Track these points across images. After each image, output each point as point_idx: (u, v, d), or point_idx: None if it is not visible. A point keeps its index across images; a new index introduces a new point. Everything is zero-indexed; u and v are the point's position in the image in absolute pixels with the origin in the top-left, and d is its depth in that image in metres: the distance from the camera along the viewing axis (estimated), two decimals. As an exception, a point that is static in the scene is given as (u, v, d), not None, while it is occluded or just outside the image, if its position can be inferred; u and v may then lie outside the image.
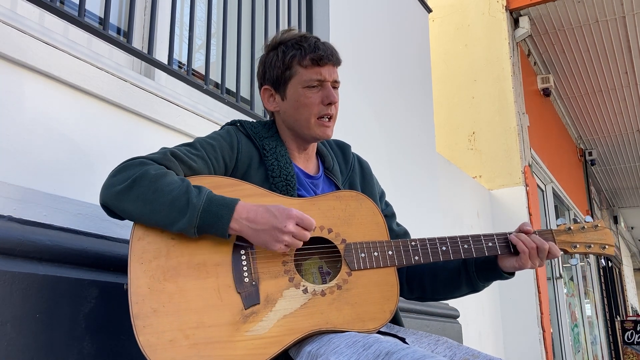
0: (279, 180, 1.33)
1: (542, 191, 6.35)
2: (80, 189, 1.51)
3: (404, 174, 3.21)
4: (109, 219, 1.50)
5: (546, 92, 6.55)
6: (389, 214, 1.54)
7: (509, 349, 4.83)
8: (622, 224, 12.84)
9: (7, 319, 1.19)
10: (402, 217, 1.89)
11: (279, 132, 1.44)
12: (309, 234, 1.18)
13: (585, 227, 1.42)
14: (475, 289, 1.45)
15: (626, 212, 12.54)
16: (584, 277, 8.02)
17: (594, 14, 5.66)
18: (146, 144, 1.73)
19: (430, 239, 1.33)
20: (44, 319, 1.26)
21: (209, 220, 1.13)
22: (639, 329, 8.94)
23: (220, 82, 2.16)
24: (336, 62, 1.40)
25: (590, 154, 8.82)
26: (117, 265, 1.43)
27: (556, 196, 6.84)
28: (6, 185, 1.31)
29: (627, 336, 8.99)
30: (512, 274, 1.40)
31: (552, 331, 5.41)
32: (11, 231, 1.24)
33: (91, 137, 1.58)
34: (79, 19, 1.60)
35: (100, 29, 1.67)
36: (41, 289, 1.26)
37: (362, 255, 1.27)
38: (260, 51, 2.51)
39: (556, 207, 6.89)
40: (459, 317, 3.45)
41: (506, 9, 5.44)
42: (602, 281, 9.14)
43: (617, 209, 12.14)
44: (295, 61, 1.36)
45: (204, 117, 1.95)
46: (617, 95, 7.21)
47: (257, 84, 1.48)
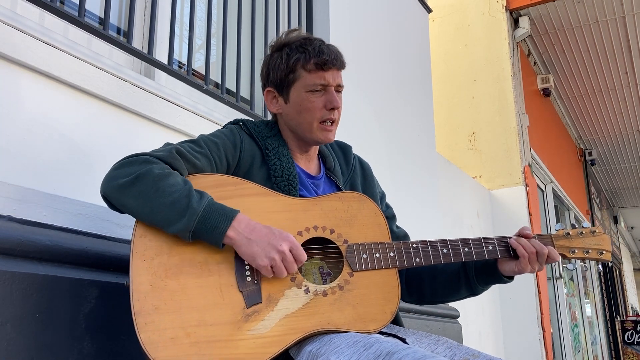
0: (281, 180, 1.33)
1: (542, 191, 6.35)
2: (80, 189, 1.51)
3: (404, 174, 3.21)
4: (109, 218, 1.49)
5: (546, 92, 6.55)
6: (389, 216, 1.54)
7: (509, 349, 4.83)
8: (622, 224, 12.85)
9: (7, 319, 1.19)
10: (402, 217, 1.89)
11: (281, 132, 1.44)
12: (296, 267, 1.17)
13: (583, 232, 1.43)
14: (474, 293, 1.45)
15: (626, 212, 12.55)
16: (584, 277, 8.01)
17: (594, 14, 5.66)
18: (146, 144, 1.73)
19: (431, 242, 1.34)
20: (44, 319, 1.26)
21: (205, 226, 1.13)
22: (639, 329, 8.95)
23: (220, 82, 2.16)
24: (340, 65, 1.38)
25: (590, 154, 8.82)
26: (117, 265, 1.43)
27: (556, 196, 6.84)
28: (6, 185, 1.31)
29: (627, 336, 9.00)
30: (511, 278, 1.41)
31: (552, 331, 5.40)
32: (11, 231, 1.24)
33: (91, 137, 1.58)
34: (79, 19, 1.60)
35: (100, 29, 1.67)
36: (41, 289, 1.26)
37: (364, 256, 1.27)
38: (260, 51, 2.51)
39: (556, 207, 6.89)
40: (459, 317, 3.45)
41: (506, 9, 5.44)
42: (602, 281, 9.14)
43: (617, 209, 12.14)
44: (299, 65, 1.35)
45: (204, 117, 1.95)
46: (617, 95, 7.21)
47: (257, 84, 1.48)
